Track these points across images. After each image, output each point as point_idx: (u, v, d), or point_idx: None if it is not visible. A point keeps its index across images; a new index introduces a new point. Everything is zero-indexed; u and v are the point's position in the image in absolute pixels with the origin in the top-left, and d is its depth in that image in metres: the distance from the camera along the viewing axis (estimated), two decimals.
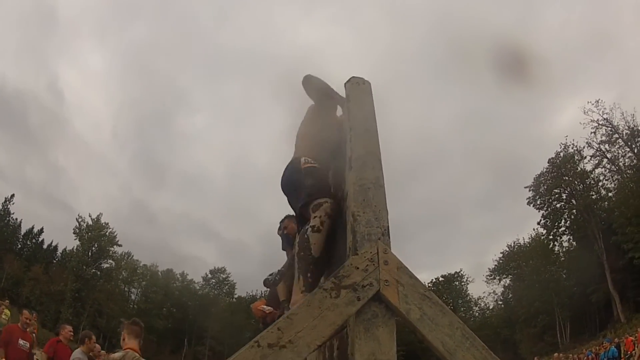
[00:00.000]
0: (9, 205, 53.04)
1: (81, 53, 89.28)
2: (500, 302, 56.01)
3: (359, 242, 2.14)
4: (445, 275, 62.26)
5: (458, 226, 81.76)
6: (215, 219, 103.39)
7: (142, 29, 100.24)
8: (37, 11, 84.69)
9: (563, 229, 45.77)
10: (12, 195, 53.63)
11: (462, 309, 60.29)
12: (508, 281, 53.73)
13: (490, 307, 58.36)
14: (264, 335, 1.83)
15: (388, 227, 2.25)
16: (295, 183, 2.90)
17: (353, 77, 3.13)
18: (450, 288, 61.32)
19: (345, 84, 3.15)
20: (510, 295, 53.57)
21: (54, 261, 56.79)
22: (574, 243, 45.00)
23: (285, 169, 3.07)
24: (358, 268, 2.00)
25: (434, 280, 62.48)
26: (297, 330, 1.85)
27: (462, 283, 61.82)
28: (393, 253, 2.11)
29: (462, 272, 61.81)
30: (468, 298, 61.21)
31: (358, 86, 3.03)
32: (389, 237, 2.21)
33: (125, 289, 62.74)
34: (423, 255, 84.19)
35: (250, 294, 61.75)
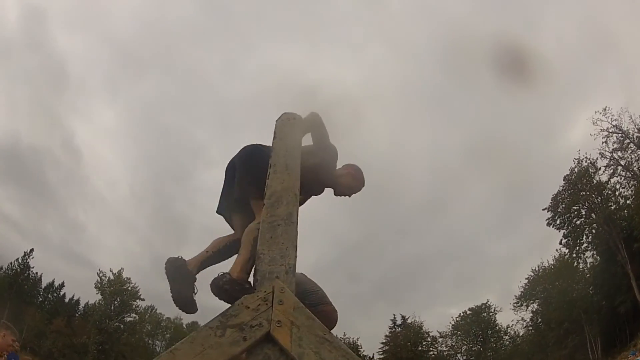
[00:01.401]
0: (28, 259, 53.55)
1: (94, 109, 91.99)
2: (530, 328, 54.25)
3: (259, 281, 2.08)
4: (472, 307, 60.69)
5: (482, 256, 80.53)
6: None
7: (151, 84, 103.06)
8: (46, 67, 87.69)
9: (585, 245, 44.40)
10: (32, 250, 54.18)
11: (492, 339, 58.65)
12: (536, 306, 52.20)
13: (520, 334, 56.52)
14: None
15: (294, 264, 2.18)
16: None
17: (284, 113, 3.09)
18: (478, 320, 59.58)
19: (276, 121, 3.15)
20: (540, 320, 51.91)
21: (77, 314, 56.89)
22: (598, 257, 43.58)
23: (259, 147, 3.17)
24: (249, 307, 1.94)
25: (462, 314, 61.24)
26: None
27: (490, 313, 60.07)
28: (290, 292, 2.02)
29: (489, 303, 60.34)
30: (497, 328, 59.12)
31: (287, 122, 3.01)
32: (294, 275, 2.14)
33: (150, 341, 62.49)
34: (451, 290, 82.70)
35: None
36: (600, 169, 41.61)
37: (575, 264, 45.36)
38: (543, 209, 45.11)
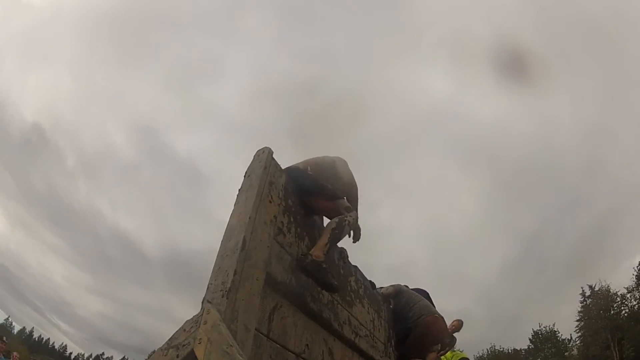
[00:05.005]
0: None
1: None
2: None
3: (202, 308, 2.46)
4: None
5: None
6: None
7: (291, 153, 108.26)
8: (178, 174, 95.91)
9: None
10: None
11: None
12: None
13: None
14: None
15: (230, 287, 2.50)
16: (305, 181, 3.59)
17: (259, 149, 3.41)
18: None
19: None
20: None
21: None
22: None
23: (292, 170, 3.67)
24: (185, 330, 2.36)
25: None
26: None
27: None
28: (216, 312, 2.34)
29: None
30: None
31: (257, 157, 3.31)
32: (227, 298, 2.46)
33: None
34: (631, 242, 72.75)
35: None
36: None
37: None
38: None
